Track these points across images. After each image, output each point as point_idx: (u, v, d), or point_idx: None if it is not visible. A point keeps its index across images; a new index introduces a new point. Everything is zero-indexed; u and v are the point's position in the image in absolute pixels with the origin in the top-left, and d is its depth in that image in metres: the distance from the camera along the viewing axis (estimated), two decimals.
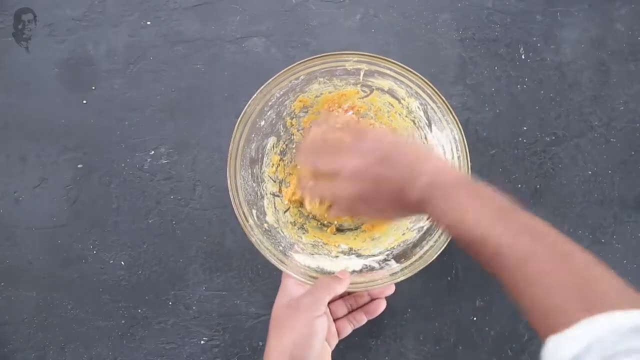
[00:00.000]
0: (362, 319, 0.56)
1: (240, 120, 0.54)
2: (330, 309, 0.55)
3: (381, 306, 0.56)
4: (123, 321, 0.62)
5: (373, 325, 0.63)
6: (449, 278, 0.64)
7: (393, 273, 0.53)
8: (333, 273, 0.54)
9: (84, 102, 0.64)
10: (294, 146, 0.61)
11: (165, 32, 0.65)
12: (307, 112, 0.60)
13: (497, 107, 0.65)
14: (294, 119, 0.60)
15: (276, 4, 0.65)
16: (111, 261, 0.63)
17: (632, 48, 0.67)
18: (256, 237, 0.53)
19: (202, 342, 0.62)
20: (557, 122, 0.66)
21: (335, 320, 0.55)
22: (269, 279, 0.63)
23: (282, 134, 0.60)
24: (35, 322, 0.62)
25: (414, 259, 0.54)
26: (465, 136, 0.65)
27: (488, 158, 0.65)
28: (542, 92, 0.66)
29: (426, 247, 0.54)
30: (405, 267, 0.54)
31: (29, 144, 0.63)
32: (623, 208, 0.65)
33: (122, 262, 0.63)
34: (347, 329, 0.55)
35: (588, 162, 0.66)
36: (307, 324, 0.47)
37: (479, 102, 0.65)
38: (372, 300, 0.57)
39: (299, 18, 0.65)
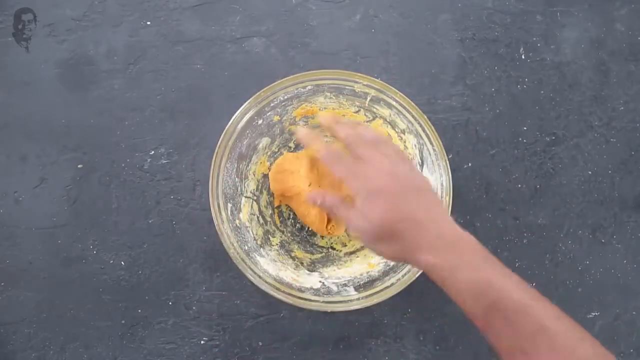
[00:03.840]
0: None
1: (239, 113, 0.54)
2: None
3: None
4: (123, 321, 0.62)
5: (373, 325, 0.63)
6: None
7: (349, 300, 0.53)
8: (303, 291, 0.54)
9: (84, 101, 0.64)
10: (286, 152, 0.62)
11: (165, 32, 0.65)
12: (307, 122, 0.60)
13: (497, 107, 0.65)
14: (293, 125, 0.60)
15: (276, 4, 0.65)
16: (111, 261, 0.63)
17: (632, 48, 0.67)
18: (225, 231, 0.53)
19: (202, 342, 0.62)
20: (557, 122, 0.66)
21: None
22: None
23: (277, 136, 0.60)
24: (35, 322, 0.62)
25: (372, 291, 0.54)
26: (465, 136, 0.65)
27: (488, 158, 0.65)
28: (542, 92, 0.66)
29: (387, 283, 0.54)
30: (363, 298, 0.53)
31: (29, 144, 0.63)
32: (623, 208, 0.65)
33: (122, 262, 0.63)
34: None
35: (588, 162, 0.66)
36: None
37: (479, 102, 0.65)
38: None
39: (299, 18, 0.65)
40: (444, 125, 0.64)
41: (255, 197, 0.60)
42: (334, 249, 0.62)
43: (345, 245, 0.62)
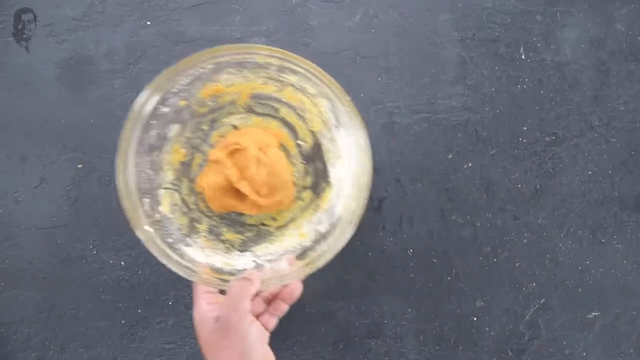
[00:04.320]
0: (283, 307, 0.55)
1: (134, 107, 0.51)
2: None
3: (297, 289, 0.55)
4: (123, 321, 0.62)
5: (373, 325, 0.63)
6: (449, 278, 0.64)
7: (282, 275, 0.53)
8: (234, 274, 0.53)
9: (84, 101, 0.64)
10: (201, 135, 0.59)
11: (165, 32, 0.65)
12: (216, 101, 0.58)
13: (497, 107, 0.65)
14: (203, 107, 0.58)
15: (276, 4, 0.65)
16: (111, 261, 0.63)
17: (632, 48, 0.67)
18: (143, 231, 0.51)
19: None
20: (557, 122, 0.66)
21: (257, 317, 0.54)
22: None
23: (187, 121, 0.57)
24: (35, 322, 0.62)
25: (306, 261, 0.53)
26: (465, 136, 0.65)
27: (488, 158, 0.65)
28: (542, 92, 0.66)
29: (319, 251, 0.53)
30: (295, 270, 0.53)
31: (29, 144, 0.63)
32: (623, 208, 0.65)
33: (122, 262, 0.63)
34: (273, 321, 0.55)
35: (588, 162, 0.66)
36: (242, 337, 0.47)
37: (479, 102, 0.65)
38: (285, 286, 0.56)
39: (299, 18, 0.65)
40: (444, 125, 0.64)
41: (175, 187, 0.57)
42: (264, 225, 0.60)
43: (276, 220, 0.60)
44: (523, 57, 0.66)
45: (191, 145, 0.59)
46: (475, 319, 0.64)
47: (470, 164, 0.65)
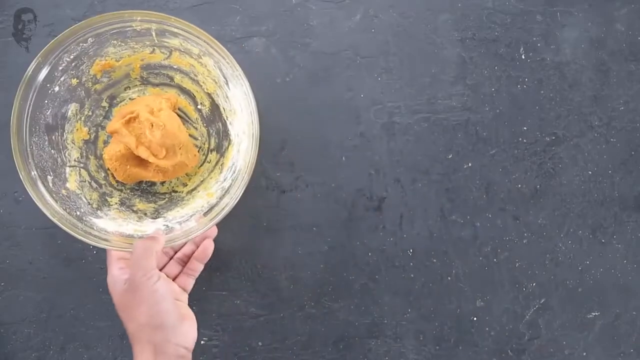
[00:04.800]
0: (197, 267, 0.57)
1: (22, 86, 0.52)
2: (165, 273, 0.56)
3: (209, 247, 0.57)
4: None
5: (373, 325, 0.63)
6: (449, 278, 0.64)
7: (189, 232, 0.54)
8: (133, 236, 0.54)
9: None
10: (102, 112, 0.60)
11: None
12: (109, 76, 0.59)
13: (497, 107, 0.65)
14: (98, 84, 0.59)
15: (276, 4, 0.65)
16: None
17: (632, 48, 0.67)
18: (47, 206, 0.52)
19: (202, 342, 0.62)
20: (557, 122, 0.66)
21: (174, 279, 0.57)
22: (268, 279, 0.63)
23: (85, 99, 0.58)
24: (35, 322, 0.62)
25: (210, 216, 0.54)
26: (465, 136, 0.65)
27: (488, 158, 0.65)
28: (542, 92, 0.66)
29: (222, 205, 0.54)
30: (201, 225, 0.54)
31: None
32: (623, 208, 0.65)
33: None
34: (189, 282, 0.57)
35: (588, 162, 0.66)
36: (150, 294, 0.48)
37: (479, 102, 0.65)
38: (198, 247, 0.58)
39: (299, 18, 0.65)
40: (444, 125, 0.64)
41: (82, 165, 0.58)
42: (175, 191, 0.61)
43: (186, 185, 0.61)
44: (523, 57, 0.66)
45: (93, 123, 0.60)
46: (475, 319, 0.64)
47: (470, 164, 0.65)
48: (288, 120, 0.63)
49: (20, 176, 0.52)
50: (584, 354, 0.64)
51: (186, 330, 0.51)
